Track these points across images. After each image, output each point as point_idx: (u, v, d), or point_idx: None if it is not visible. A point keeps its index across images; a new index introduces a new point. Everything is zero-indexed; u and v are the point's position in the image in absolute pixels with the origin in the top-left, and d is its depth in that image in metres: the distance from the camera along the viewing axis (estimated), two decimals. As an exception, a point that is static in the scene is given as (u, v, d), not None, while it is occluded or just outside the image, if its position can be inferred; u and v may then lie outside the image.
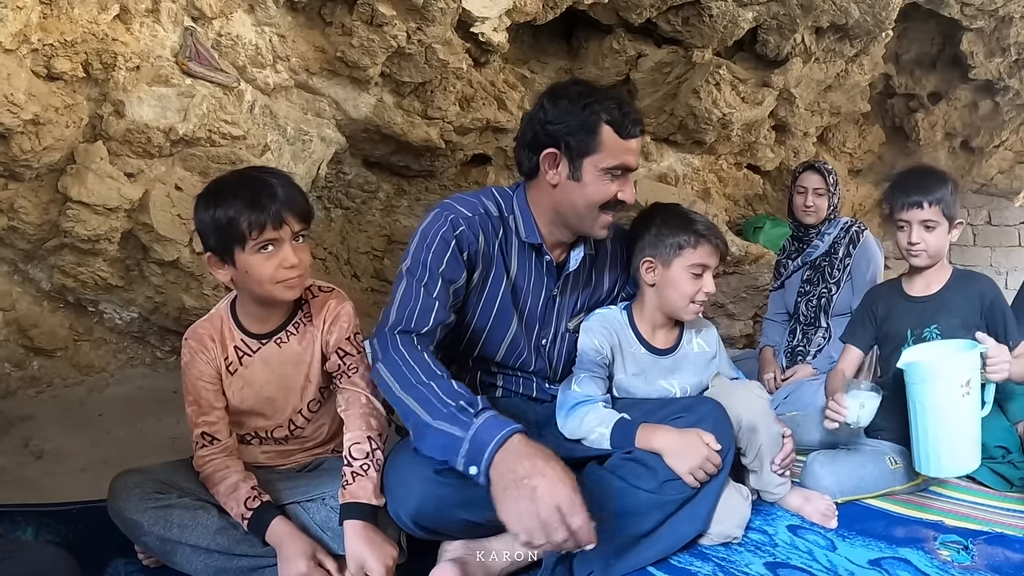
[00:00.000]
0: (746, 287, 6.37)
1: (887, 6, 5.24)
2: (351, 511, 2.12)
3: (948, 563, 2.40)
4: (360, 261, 4.96)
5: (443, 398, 2.10)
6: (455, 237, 2.37)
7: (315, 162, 4.02)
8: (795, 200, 4.25)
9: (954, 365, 2.56)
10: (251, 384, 2.33)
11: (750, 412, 2.57)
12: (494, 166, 5.20)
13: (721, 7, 4.94)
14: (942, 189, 2.87)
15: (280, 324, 2.36)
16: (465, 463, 1.97)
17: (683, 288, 2.60)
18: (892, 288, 3.14)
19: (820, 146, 7.23)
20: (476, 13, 4.05)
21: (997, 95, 7.08)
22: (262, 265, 2.15)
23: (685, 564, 2.35)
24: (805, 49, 5.56)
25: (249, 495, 2.15)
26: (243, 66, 3.61)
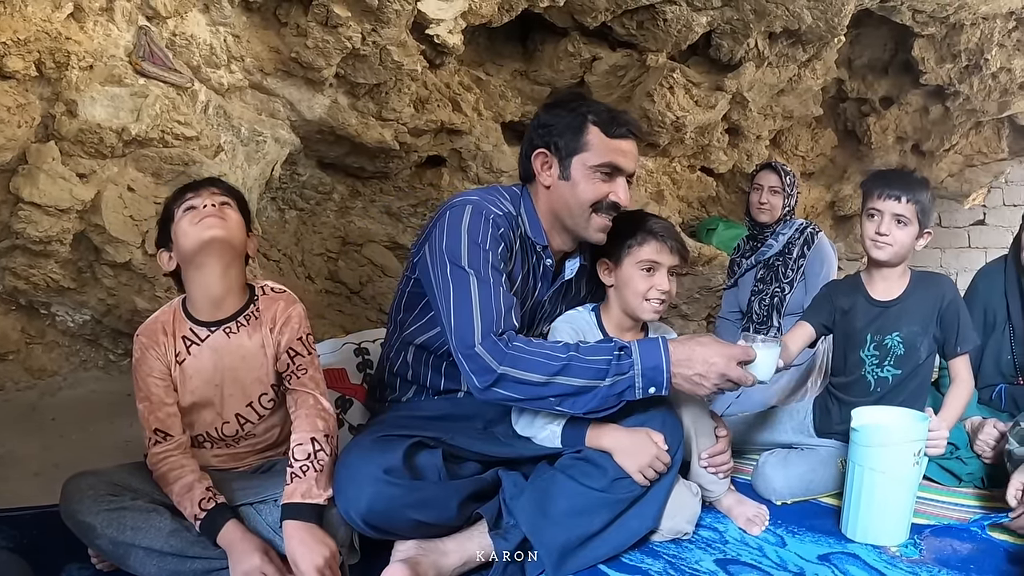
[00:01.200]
0: (699, 288, 6.43)
1: (839, 12, 5.30)
2: (289, 511, 2.13)
3: (896, 557, 2.45)
4: (314, 263, 4.94)
5: (595, 358, 2.26)
6: (501, 237, 2.40)
7: (269, 163, 4.00)
8: (751, 197, 4.31)
9: (911, 432, 2.56)
10: (200, 373, 2.34)
11: (678, 400, 2.62)
12: (449, 168, 5.20)
13: (675, 11, 4.98)
14: (922, 192, 2.87)
15: (229, 315, 2.37)
16: (644, 391, 2.28)
17: (635, 285, 2.63)
18: (854, 286, 3.12)
19: (773, 149, 7.29)
20: (431, 15, 4.05)
21: (947, 100, 7.18)
22: (185, 221, 2.28)
23: (636, 561, 2.38)
24: (758, 54, 5.61)
25: (204, 496, 2.15)
26: (197, 66, 3.59)
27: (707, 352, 2.27)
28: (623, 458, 2.36)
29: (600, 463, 2.37)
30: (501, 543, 2.26)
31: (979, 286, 3.68)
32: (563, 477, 2.37)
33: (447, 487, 2.28)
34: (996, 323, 3.56)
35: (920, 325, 2.93)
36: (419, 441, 2.31)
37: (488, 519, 2.31)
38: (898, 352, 2.94)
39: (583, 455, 2.41)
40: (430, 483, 2.25)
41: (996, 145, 8.26)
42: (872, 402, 2.92)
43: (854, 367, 3.04)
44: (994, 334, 3.56)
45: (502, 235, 2.40)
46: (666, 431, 2.43)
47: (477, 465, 2.44)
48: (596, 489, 2.34)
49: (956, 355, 2.95)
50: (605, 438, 2.41)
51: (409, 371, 2.66)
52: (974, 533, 2.64)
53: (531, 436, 2.51)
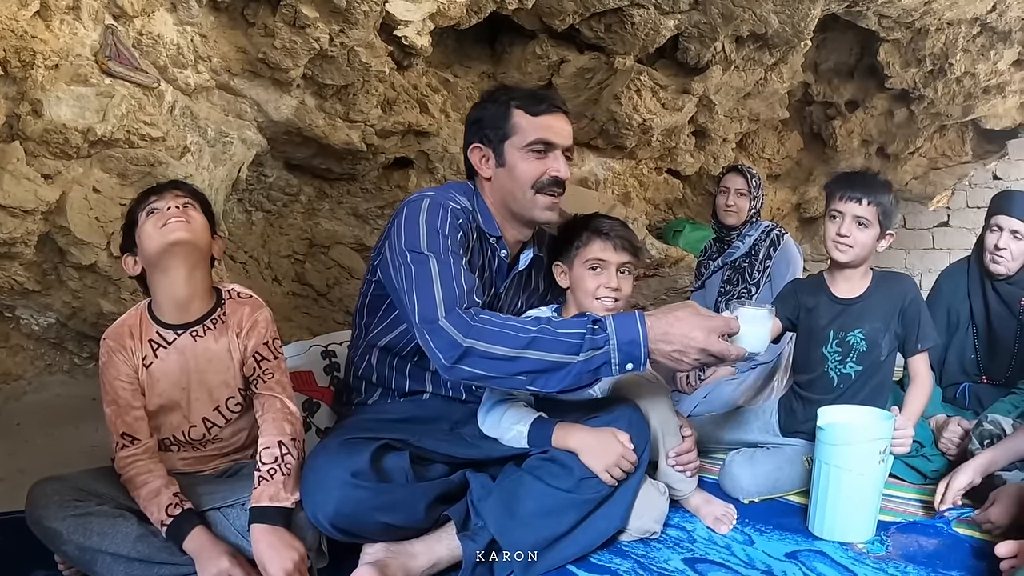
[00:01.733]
0: (666, 289, 6.46)
1: (806, 17, 5.33)
2: (256, 515, 2.13)
3: (863, 554, 2.48)
4: (281, 265, 4.92)
5: (568, 331, 2.17)
6: (458, 227, 2.41)
7: (236, 164, 3.97)
8: (718, 200, 4.34)
9: (877, 430, 2.59)
10: (167, 377, 2.33)
11: (641, 396, 2.65)
12: (416, 170, 5.19)
13: (643, 15, 4.99)
14: (884, 195, 2.92)
15: (196, 318, 2.36)
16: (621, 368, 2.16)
17: (585, 284, 2.70)
18: (817, 285, 3.16)
19: (739, 152, 7.33)
20: (399, 16, 4.04)
21: (912, 104, 7.24)
22: (151, 224, 2.27)
23: (604, 561, 2.39)
24: (725, 57, 5.64)
25: (171, 501, 2.14)
26: (164, 66, 3.56)
27: (686, 326, 2.16)
28: (589, 458, 2.38)
29: (567, 463, 2.38)
30: (469, 544, 2.26)
31: (943, 287, 3.73)
32: (530, 478, 2.38)
33: (415, 489, 2.27)
34: (959, 323, 3.62)
35: (882, 322, 2.98)
36: (386, 444, 2.31)
37: (456, 521, 2.31)
38: (860, 348, 2.99)
39: (550, 455, 2.42)
40: (397, 486, 2.24)
41: (960, 148, 8.35)
42: (835, 398, 2.96)
43: (817, 364, 3.08)
44: (957, 333, 3.62)
45: (460, 225, 2.42)
46: (632, 431, 2.45)
47: (444, 467, 2.44)
48: (563, 490, 2.35)
49: (916, 352, 3.00)
50: (571, 438, 2.42)
51: (374, 374, 2.66)
52: (940, 529, 2.68)
53: (498, 436, 2.51)
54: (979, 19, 6.12)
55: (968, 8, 5.83)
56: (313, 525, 2.18)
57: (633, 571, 2.34)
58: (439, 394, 2.68)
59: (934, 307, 3.69)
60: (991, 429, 2.94)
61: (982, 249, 3.53)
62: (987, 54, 6.56)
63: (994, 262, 3.45)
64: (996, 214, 3.46)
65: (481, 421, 2.57)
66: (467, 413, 2.64)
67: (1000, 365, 3.55)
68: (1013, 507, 2.43)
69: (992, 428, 2.95)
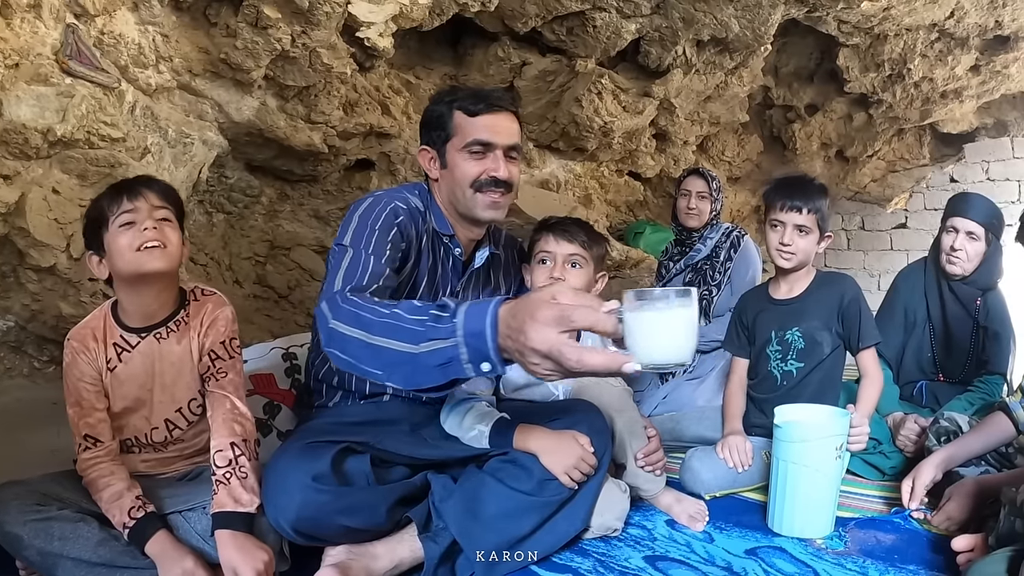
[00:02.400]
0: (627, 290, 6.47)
1: (766, 21, 5.38)
2: (219, 521, 2.12)
3: (822, 550, 2.50)
4: (242, 267, 4.89)
5: (413, 318, 1.73)
6: (397, 224, 2.41)
7: (196, 165, 3.95)
8: (679, 203, 4.37)
9: (832, 427, 2.63)
10: (131, 380, 2.31)
11: (605, 400, 2.68)
12: (377, 171, 5.18)
13: (605, 18, 5.01)
14: (821, 200, 3.04)
15: (159, 321, 2.35)
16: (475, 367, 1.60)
17: (535, 280, 2.77)
18: (759, 293, 3.34)
19: (700, 154, 7.38)
20: (362, 18, 4.03)
21: (871, 108, 7.34)
22: (122, 237, 2.20)
23: (566, 560, 2.40)
24: (686, 61, 5.67)
25: (134, 504, 2.13)
26: (125, 66, 3.52)
27: (535, 329, 1.48)
28: (549, 459, 2.39)
29: (527, 465, 2.40)
30: (431, 546, 2.26)
31: (900, 287, 3.79)
32: (492, 480, 2.38)
33: (376, 492, 2.27)
34: (916, 322, 3.67)
35: (820, 320, 3.09)
36: (347, 447, 2.31)
37: (417, 522, 2.31)
38: (799, 346, 3.10)
39: (510, 457, 2.43)
40: (359, 489, 2.24)
41: (918, 151, 8.48)
42: (780, 396, 3.05)
43: (762, 364, 3.20)
44: (914, 332, 3.68)
45: (399, 223, 2.42)
46: (593, 434, 2.47)
47: (406, 469, 2.44)
48: (524, 492, 2.36)
49: (860, 350, 3.08)
50: (531, 440, 2.43)
51: (334, 377, 2.65)
52: (897, 524, 2.72)
53: (459, 435, 2.53)
54: (937, 25, 6.20)
55: (926, 14, 5.91)
56: (274, 529, 2.17)
57: (594, 569, 2.35)
58: (399, 395, 2.67)
59: (891, 307, 3.76)
60: (948, 426, 2.99)
61: (938, 250, 3.58)
62: (945, 59, 6.66)
63: (950, 263, 3.50)
64: (952, 216, 3.52)
65: (443, 419, 2.59)
66: (428, 415, 2.65)
67: (956, 363, 3.62)
68: (969, 502, 2.48)
69: (949, 425, 3.00)
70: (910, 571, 2.36)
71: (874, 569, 2.37)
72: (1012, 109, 8.22)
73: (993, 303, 3.52)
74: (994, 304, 3.52)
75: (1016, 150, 8.42)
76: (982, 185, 8.38)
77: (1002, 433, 2.81)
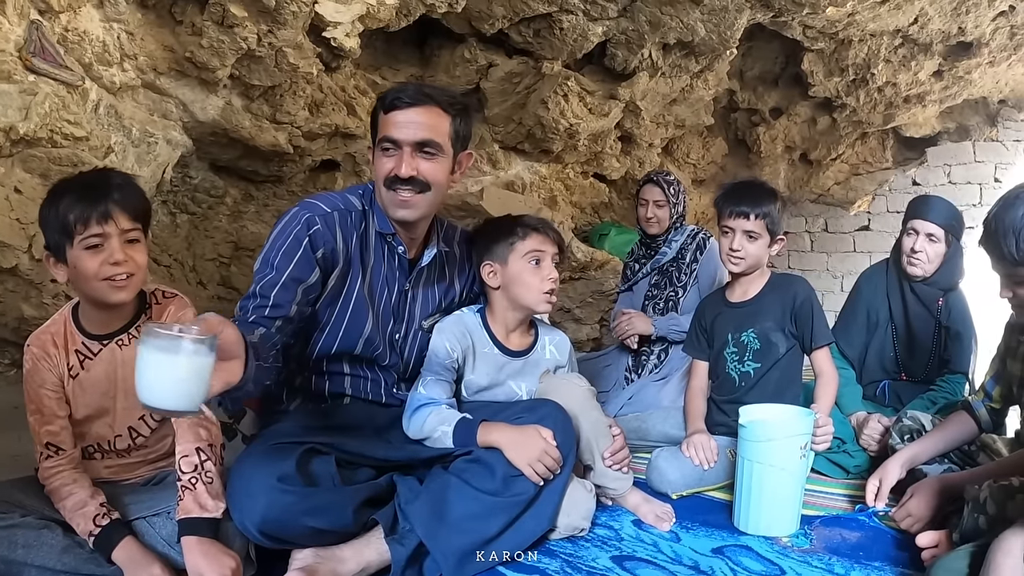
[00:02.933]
0: (592, 292, 6.50)
1: (732, 26, 5.40)
2: (185, 527, 2.09)
3: (788, 548, 2.53)
4: (206, 268, 4.86)
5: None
6: (308, 236, 2.40)
7: (160, 165, 3.91)
8: (638, 211, 4.38)
9: (797, 427, 2.67)
10: (93, 387, 2.27)
11: (570, 401, 2.66)
12: (343, 172, 5.16)
13: (572, 21, 5.02)
14: (770, 204, 3.11)
15: (121, 326, 2.30)
16: None
17: (527, 279, 2.72)
18: (717, 297, 3.42)
19: (665, 157, 7.41)
20: (329, 18, 4.01)
21: (835, 112, 7.40)
22: (88, 261, 2.11)
23: (534, 562, 2.40)
24: (652, 64, 5.69)
25: (98, 512, 2.10)
26: (89, 63, 3.48)
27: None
28: (513, 453, 2.40)
29: (491, 462, 2.40)
30: (398, 548, 2.26)
31: (862, 288, 3.84)
32: (457, 481, 2.38)
33: (342, 493, 2.27)
34: (879, 323, 3.72)
35: (773, 321, 3.16)
36: (312, 448, 2.31)
37: (384, 525, 2.30)
38: (754, 347, 3.17)
39: (474, 456, 2.43)
40: (324, 489, 2.24)
41: (881, 155, 8.56)
42: (739, 397, 3.13)
43: (720, 366, 3.28)
44: (877, 333, 3.72)
45: (313, 233, 2.42)
46: (557, 429, 2.48)
47: (371, 471, 2.44)
48: (489, 493, 2.36)
49: (814, 349, 3.16)
50: (494, 434, 2.45)
51: (295, 379, 2.64)
52: (862, 522, 2.75)
53: (423, 439, 2.53)
54: (901, 31, 6.26)
55: (890, 20, 5.96)
56: (241, 532, 2.16)
57: (562, 570, 2.35)
58: (359, 397, 2.68)
59: (854, 307, 3.81)
60: (911, 425, 3.05)
61: (900, 252, 3.63)
62: (908, 65, 6.72)
63: (911, 264, 3.55)
64: (913, 218, 3.57)
65: (406, 426, 2.58)
66: (390, 418, 2.65)
67: (919, 363, 3.66)
68: (931, 500, 2.50)
69: (912, 424, 3.06)
70: (875, 568, 2.39)
71: (840, 566, 2.39)
72: (974, 114, 8.32)
73: (955, 303, 3.57)
74: (956, 304, 3.57)
75: (978, 154, 8.51)
76: (944, 188, 8.45)
77: (965, 432, 2.86)
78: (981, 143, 8.48)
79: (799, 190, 8.63)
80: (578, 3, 4.90)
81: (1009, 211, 2.13)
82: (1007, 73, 7.27)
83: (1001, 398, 2.82)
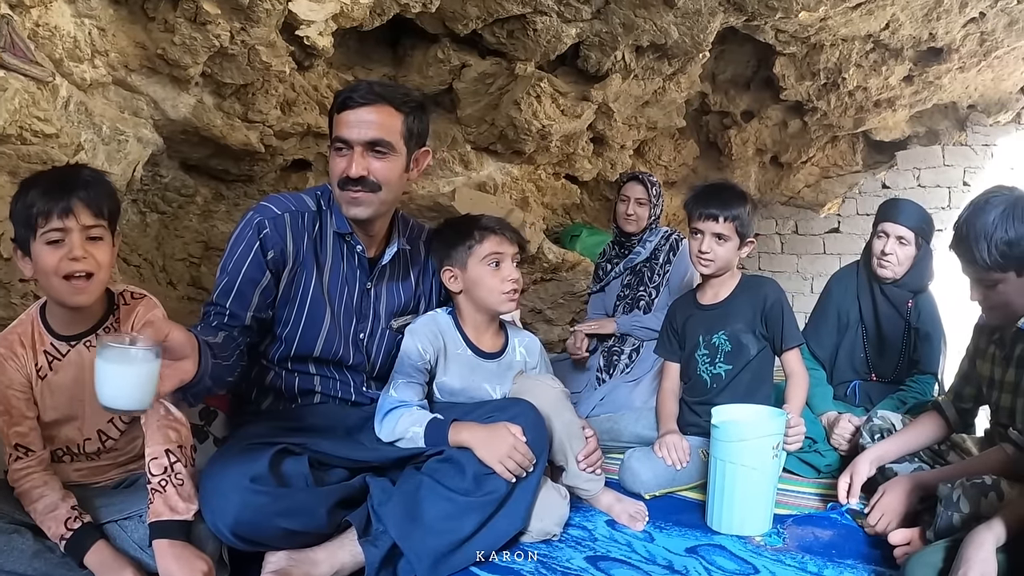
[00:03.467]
0: (564, 293, 6.51)
1: (705, 29, 5.42)
2: (156, 530, 2.08)
3: (761, 546, 2.55)
4: (176, 268, 4.82)
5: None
6: (259, 239, 2.43)
7: (131, 163, 3.87)
8: (618, 208, 4.41)
9: (768, 427, 2.71)
10: (62, 390, 2.24)
11: (543, 402, 2.67)
12: (314, 172, 5.14)
13: (546, 22, 5.02)
14: (740, 207, 3.16)
15: (89, 327, 2.27)
16: None
17: (488, 282, 2.72)
18: (688, 299, 3.46)
19: (637, 158, 7.42)
20: (302, 16, 3.99)
21: (806, 115, 7.44)
22: (48, 256, 2.09)
23: (508, 562, 2.41)
24: (625, 66, 5.70)
25: (69, 515, 2.08)
26: (60, 59, 3.42)
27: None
28: (483, 451, 2.41)
29: (461, 462, 2.41)
30: (372, 550, 2.26)
31: (832, 289, 3.90)
32: (430, 481, 2.38)
33: (315, 493, 2.26)
34: (849, 324, 3.75)
35: (743, 323, 3.21)
36: (284, 448, 2.30)
37: (357, 526, 2.30)
38: (726, 349, 3.22)
39: (446, 456, 2.44)
40: (297, 490, 2.23)
41: (851, 158, 8.62)
42: (711, 399, 3.16)
43: (692, 368, 3.32)
44: (847, 333, 3.75)
45: (264, 236, 2.45)
46: (528, 427, 2.49)
47: (344, 471, 2.44)
48: (461, 493, 2.37)
49: (784, 351, 3.21)
50: (464, 433, 2.46)
51: (265, 379, 2.63)
52: (834, 520, 2.79)
53: (395, 440, 2.53)
54: (872, 36, 6.31)
55: (862, 25, 6.00)
56: (214, 535, 2.14)
57: (536, 571, 2.36)
58: (329, 395, 2.69)
59: (824, 309, 3.86)
60: (881, 424, 3.10)
61: (870, 254, 3.68)
62: (879, 70, 6.77)
63: (881, 266, 3.60)
64: (883, 221, 3.63)
65: (378, 429, 2.58)
66: (361, 418, 2.66)
67: (888, 364, 3.71)
68: (903, 497, 2.54)
69: (882, 424, 3.11)
70: (848, 565, 2.42)
71: (813, 564, 2.42)
72: (943, 118, 8.39)
73: (924, 305, 3.62)
74: (925, 306, 3.62)
75: (947, 158, 8.58)
76: (913, 191, 8.52)
77: (935, 431, 2.91)
78: (950, 147, 8.55)
79: (770, 192, 8.67)
80: (552, 5, 4.89)
81: (980, 216, 2.16)
82: (976, 79, 7.34)
83: (971, 398, 2.86)
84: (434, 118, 5.64)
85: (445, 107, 5.74)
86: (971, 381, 2.84)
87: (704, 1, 5.11)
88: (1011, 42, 6.56)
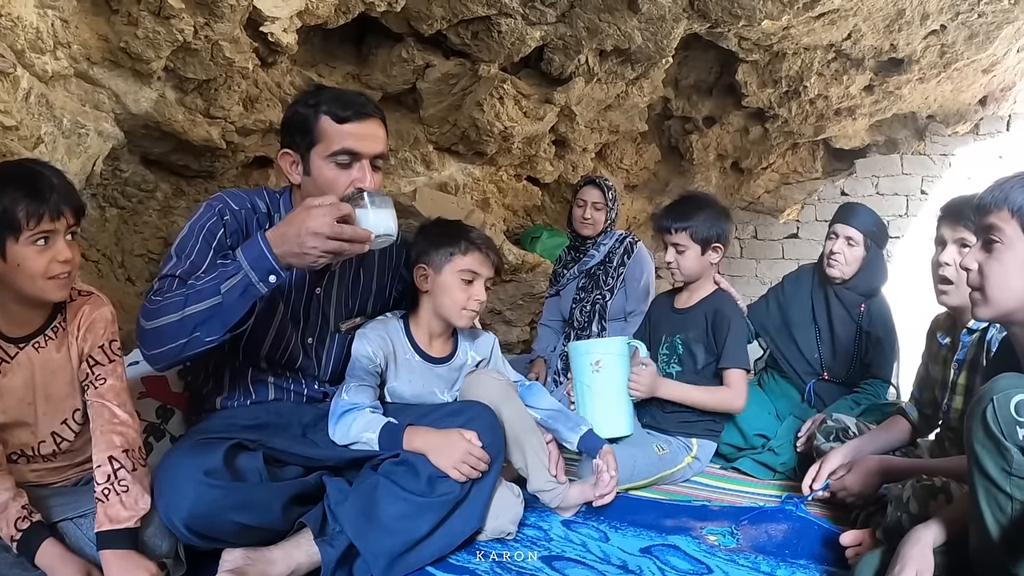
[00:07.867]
0: (523, 294, 6.53)
1: (669, 35, 5.45)
2: (101, 541, 2.07)
3: (715, 547, 2.59)
4: (135, 264, 4.78)
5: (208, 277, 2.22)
6: (223, 226, 2.40)
7: (91, 157, 3.83)
8: (574, 212, 4.45)
9: (586, 348, 3.25)
10: (11, 394, 2.19)
11: (490, 395, 2.72)
12: (276, 169, 5.11)
13: (510, 24, 5.03)
14: (694, 217, 3.29)
15: (37, 328, 2.22)
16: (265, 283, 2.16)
17: (454, 294, 2.72)
18: (668, 296, 3.59)
19: (598, 161, 7.45)
20: (267, 12, 3.97)
21: (767, 122, 7.49)
22: (36, 258, 2.05)
23: (463, 562, 2.43)
24: (588, 70, 5.72)
25: (19, 515, 2.05)
26: (21, 50, 3.37)
27: (296, 219, 2.13)
28: (436, 456, 2.43)
29: (415, 464, 2.43)
30: (328, 550, 2.26)
31: (785, 287, 3.96)
32: (386, 482, 2.40)
33: (269, 488, 2.27)
34: (801, 322, 3.81)
35: (696, 332, 3.34)
36: (239, 443, 2.30)
37: (313, 526, 2.31)
38: (679, 352, 3.37)
39: (402, 458, 2.45)
40: (252, 485, 2.24)
41: (811, 165, 8.70)
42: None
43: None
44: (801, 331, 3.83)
45: (227, 226, 2.43)
46: (482, 430, 2.51)
47: (299, 469, 2.44)
48: (417, 493, 2.38)
49: (722, 369, 3.32)
50: (417, 439, 2.48)
51: (222, 377, 2.63)
52: (789, 512, 2.85)
53: (348, 444, 2.53)
54: (834, 46, 6.37)
55: (824, 35, 6.05)
56: (169, 532, 2.14)
57: (492, 570, 2.37)
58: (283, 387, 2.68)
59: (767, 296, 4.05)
60: (835, 426, 3.15)
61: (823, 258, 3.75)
62: (840, 79, 6.84)
63: (829, 266, 3.71)
64: (835, 223, 3.74)
65: (332, 432, 2.57)
66: (317, 416, 2.65)
67: (841, 365, 3.78)
68: (868, 477, 2.63)
69: (836, 425, 3.15)
70: (800, 566, 2.45)
71: (766, 564, 2.45)
72: (903, 128, 8.47)
73: (876, 310, 3.70)
74: (877, 311, 3.69)
75: (905, 166, 8.67)
76: (872, 199, 8.59)
77: (900, 435, 3.01)
78: (909, 156, 8.64)
79: (730, 198, 8.72)
80: (517, 7, 4.91)
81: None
82: (936, 90, 7.42)
83: (929, 403, 2.92)
84: (397, 117, 5.65)
85: (408, 107, 5.74)
86: (927, 386, 2.91)
87: (668, 7, 5.15)
88: (971, 55, 6.64)
